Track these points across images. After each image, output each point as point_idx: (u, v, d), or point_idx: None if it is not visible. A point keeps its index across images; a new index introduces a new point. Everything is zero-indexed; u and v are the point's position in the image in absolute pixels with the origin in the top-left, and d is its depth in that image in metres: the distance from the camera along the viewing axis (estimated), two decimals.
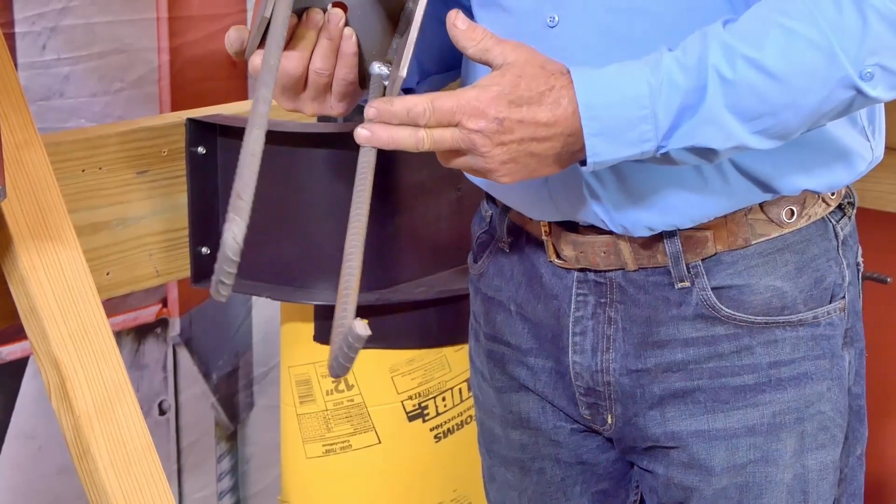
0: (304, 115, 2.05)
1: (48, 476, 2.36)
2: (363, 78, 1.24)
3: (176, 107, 2.41)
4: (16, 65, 2.07)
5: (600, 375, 1.33)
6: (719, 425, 1.30)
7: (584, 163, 1.14)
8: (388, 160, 1.85)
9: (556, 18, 1.23)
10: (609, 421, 1.35)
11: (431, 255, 1.91)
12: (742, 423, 1.30)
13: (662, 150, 1.14)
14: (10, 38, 2.13)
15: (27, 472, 2.34)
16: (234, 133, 1.84)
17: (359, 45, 1.22)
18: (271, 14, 1.14)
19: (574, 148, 1.13)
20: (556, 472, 1.43)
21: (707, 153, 1.15)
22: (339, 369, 0.97)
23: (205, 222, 1.86)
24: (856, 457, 1.37)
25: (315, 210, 1.83)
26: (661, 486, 1.35)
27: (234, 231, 0.94)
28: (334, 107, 1.25)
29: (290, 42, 1.20)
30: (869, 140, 1.30)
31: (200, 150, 1.84)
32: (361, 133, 1.14)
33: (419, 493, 1.94)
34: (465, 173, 1.44)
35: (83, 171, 1.74)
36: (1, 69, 1.51)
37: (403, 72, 1.15)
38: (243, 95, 2.55)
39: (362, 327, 0.93)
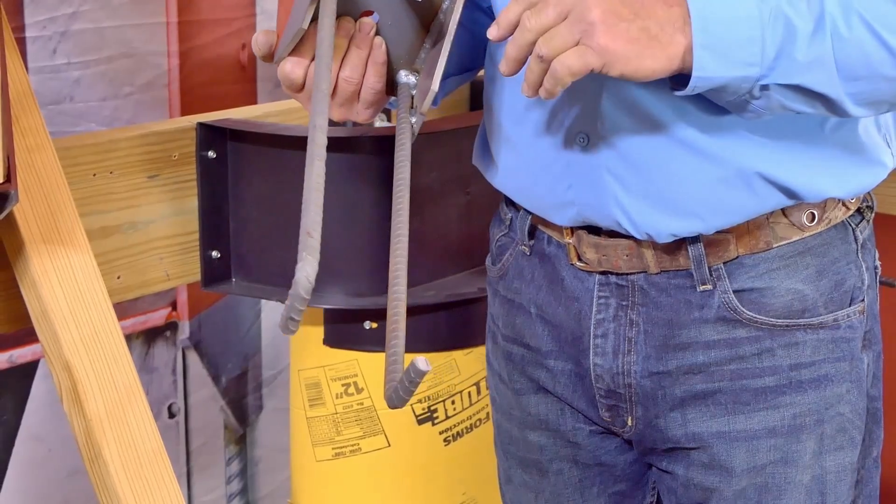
0: None
1: (57, 479, 2.36)
2: (391, 84, 1.24)
3: (185, 111, 2.42)
4: (26, 69, 2.08)
5: (621, 378, 1.33)
6: (740, 426, 1.31)
7: (682, 84, 1.14)
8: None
9: None
10: (629, 423, 1.35)
11: (440, 258, 1.91)
12: (763, 425, 1.30)
13: (764, 81, 1.13)
14: (21, 43, 2.14)
15: (37, 474, 2.34)
16: (244, 137, 1.85)
17: (388, 53, 1.22)
18: (309, 26, 1.14)
19: (676, 50, 1.12)
20: (574, 473, 1.43)
21: (805, 99, 1.15)
22: (398, 401, 0.96)
23: (215, 226, 1.87)
24: (872, 459, 1.37)
25: (325, 214, 1.83)
26: (681, 486, 1.36)
27: (308, 271, 0.91)
28: (361, 113, 1.26)
29: None
30: (890, 146, 1.31)
31: (211, 154, 1.84)
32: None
33: (428, 496, 1.94)
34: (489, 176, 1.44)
35: (94, 175, 1.74)
36: (13, 73, 1.51)
37: (436, 85, 1.16)
38: (252, 99, 2.56)
39: (424, 363, 0.92)
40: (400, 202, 1.09)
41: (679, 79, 1.15)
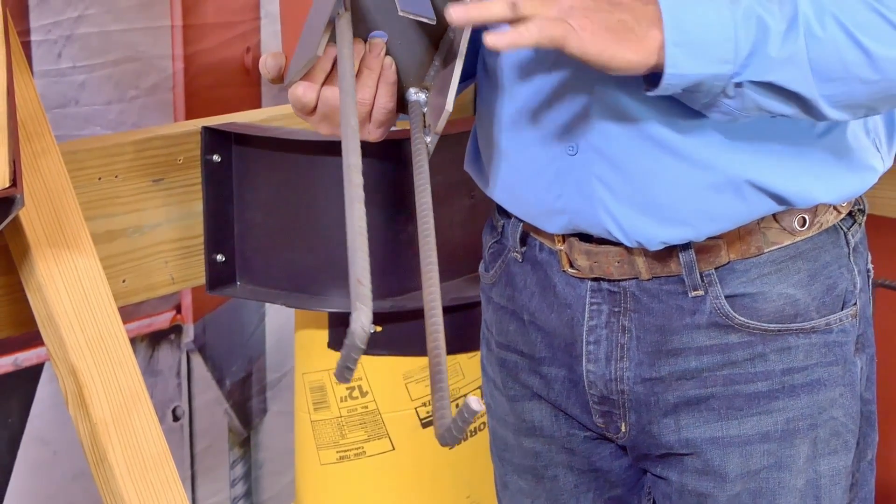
0: None
1: (63, 481, 2.37)
2: (400, 102, 1.24)
3: (190, 114, 2.42)
4: (32, 73, 2.09)
5: (614, 384, 1.33)
6: (733, 432, 1.30)
7: (654, 83, 1.14)
8: (400, 168, 1.86)
9: None
10: (623, 429, 1.35)
11: (444, 262, 1.90)
12: (756, 430, 1.30)
13: (738, 79, 1.13)
14: (27, 46, 2.15)
15: (42, 477, 2.35)
16: (248, 141, 1.85)
17: (397, 72, 1.22)
18: (324, 58, 1.13)
19: (652, 44, 1.11)
20: (569, 479, 1.43)
21: (780, 99, 1.15)
22: (451, 440, 0.95)
23: (220, 230, 1.87)
24: (867, 462, 1.37)
25: (330, 218, 1.83)
26: (675, 492, 1.36)
27: (363, 321, 0.90)
28: (372, 132, 1.25)
29: (332, 73, 1.19)
30: (879, 151, 1.31)
31: (216, 157, 1.85)
32: (454, 13, 1.08)
33: (432, 500, 1.94)
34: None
35: (99, 179, 1.75)
36: (18, 78, 1.52)
37: (450, 105, 1.14)
38: (257, 103, 2.56)
39: (476, 403, 0.90)
40: (426, 229, 1.06)
41: (652, 79, 1.15)
